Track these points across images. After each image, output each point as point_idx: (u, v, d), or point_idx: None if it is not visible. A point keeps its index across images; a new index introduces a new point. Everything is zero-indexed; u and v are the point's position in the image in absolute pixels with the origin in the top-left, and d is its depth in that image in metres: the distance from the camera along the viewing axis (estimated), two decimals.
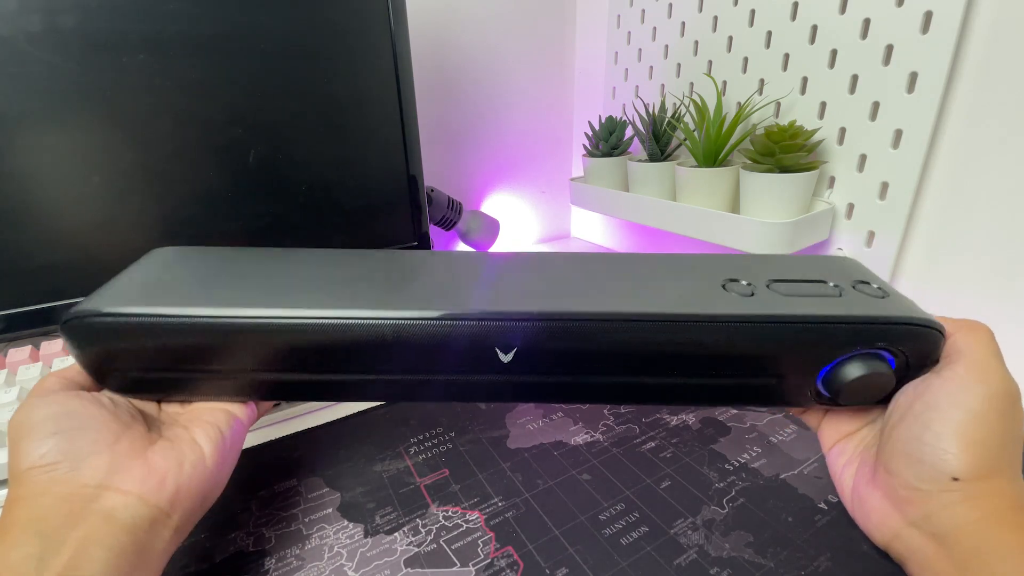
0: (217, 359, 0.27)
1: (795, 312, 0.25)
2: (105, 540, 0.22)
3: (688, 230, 0.56)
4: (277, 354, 0.26)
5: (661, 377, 0.27)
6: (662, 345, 0.26)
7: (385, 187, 0.53)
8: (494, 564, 0.29)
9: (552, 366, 0.27)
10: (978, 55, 0.40)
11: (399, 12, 0.48)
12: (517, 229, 0.84)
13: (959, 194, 0.43)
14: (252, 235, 0.47)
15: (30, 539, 0.21)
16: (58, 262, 0.42)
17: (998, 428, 0.24)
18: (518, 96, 0.76)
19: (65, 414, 0.25)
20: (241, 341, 0.26)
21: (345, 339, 0.25)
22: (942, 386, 0.25)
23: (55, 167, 0.40)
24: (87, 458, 0.24)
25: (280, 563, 0.29)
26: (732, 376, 0.27)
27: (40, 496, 0.23)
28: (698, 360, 0.26)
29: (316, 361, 0.27)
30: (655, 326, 0.25)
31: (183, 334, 0.25)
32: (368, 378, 0.28)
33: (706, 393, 0.28)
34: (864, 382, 0.25)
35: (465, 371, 0.27)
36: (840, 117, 0.48)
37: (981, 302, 0.43)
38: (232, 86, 0.44)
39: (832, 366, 0.26)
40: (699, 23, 0.59)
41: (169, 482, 0.25)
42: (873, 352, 0.26)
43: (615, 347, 0.26)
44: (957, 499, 0.23)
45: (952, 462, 0.23)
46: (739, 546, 0.29)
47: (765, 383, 0.27)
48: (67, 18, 0.38)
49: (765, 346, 0.26)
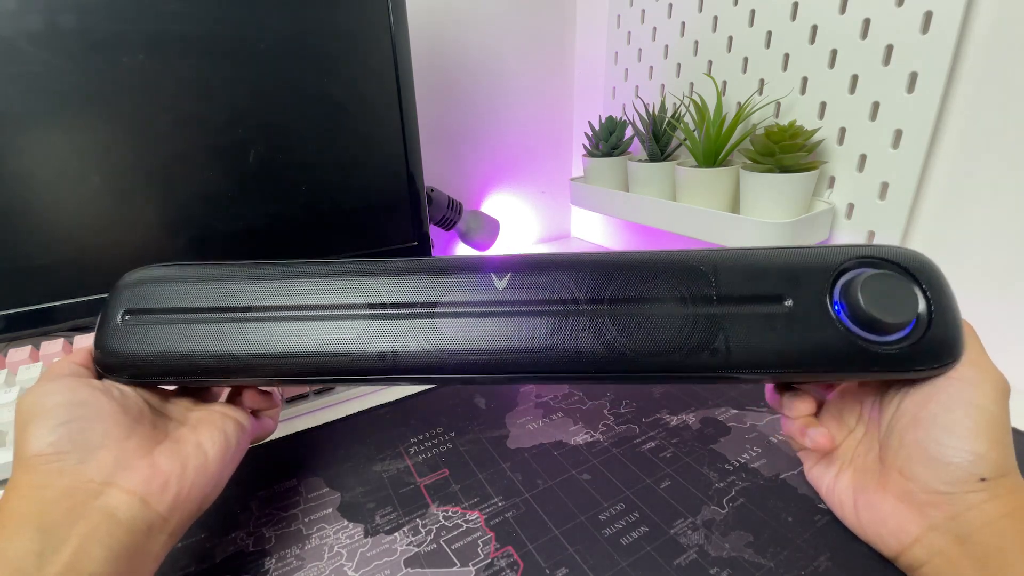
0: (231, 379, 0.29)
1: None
2: (105, 539, 0.22)
3: (688, 230, 0.56)
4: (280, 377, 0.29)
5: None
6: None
7: (385, 187, 0.53)
8: (494, 564, 0.29)
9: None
10: (978, 55, 0.40)
11: (399, 12, 0.48)
12: (517, 229, 0.84)
13: (959, 194, 0.43)
14: (252, 235, 0.47)
15: (31, 533, 0.21)
16: (58, 262, 0.42)
17: (1007, 425, 0.24)
18: (518, 96, 0.76)
19: (78, 403, 0.25)
20: (255, 371, 0.28)
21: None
22: (951, 387, 0.25)
23: (55, 167, 0.40)
24: (95, 451, 0.24)
25: (280, 563, 0.29)
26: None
27: (43, 488, 0.22)
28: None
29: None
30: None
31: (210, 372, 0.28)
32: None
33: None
34: (879, 284, 0.25)
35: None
36: (840, 117, 0.48)
37: (981, 302, 0.43)
38: (232, 86, 0.44)
39: (839, 281, 0.26)
40: (699, 23, 0.59)
41: (171, 486, 0.25)
42: (870, 260, 0.26)
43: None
44: (983, 498, 0.24)
45: (979, 463, 0.24)
46: (739, 546, 0.29)
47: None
48: (67, 18, 0.38)
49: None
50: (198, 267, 0.29)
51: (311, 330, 0.27)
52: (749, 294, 0.26)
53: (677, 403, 0.42)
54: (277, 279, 0.29)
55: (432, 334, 0.27)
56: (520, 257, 0.28)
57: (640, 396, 0.43)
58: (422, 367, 0.27)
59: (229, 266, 0.29)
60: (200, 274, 0.29)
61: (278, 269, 0.29)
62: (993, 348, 0.26)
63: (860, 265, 0.26)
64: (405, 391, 0.44)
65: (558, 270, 0.27)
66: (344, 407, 0.43)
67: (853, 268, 0.26)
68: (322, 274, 0.29)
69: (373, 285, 0.28)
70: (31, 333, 0.43)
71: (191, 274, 0.29)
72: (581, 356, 0.26)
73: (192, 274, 0.29)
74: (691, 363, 0.26)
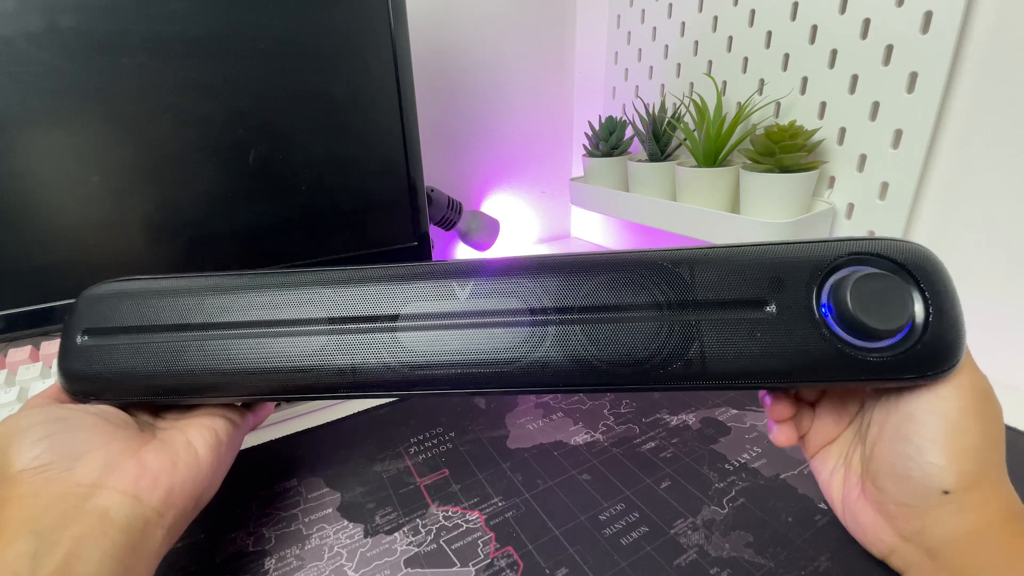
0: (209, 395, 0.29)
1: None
2: (99, 539, 0.22)
3: (688, 230, 0.56)
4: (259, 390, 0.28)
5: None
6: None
7: (385, 187, 0.53)
8: (494, 564, 0.29)
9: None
10: (978, 55, 0.40)
11: (399, 12, 0.48)
12: (517, 229, 0.84)
13: (959, 194, 0.43)
14: (252, 235, 0.47)
15: (25, 537, 0.21)
16: (58, 262, 0.42)
17: (979, 432, 0.23)
18: (518, 96, 0.76)
19: (56, 419, 0.25)
20: (219, 390, 0.28)
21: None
22: (916, 396, 0.24)
23: (55, 167, 0.40)
24: (81, 457, 0.24)
25: (280, 563, 0.29)
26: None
27: (34, 496, 0.22)
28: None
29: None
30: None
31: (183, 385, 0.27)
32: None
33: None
34: (870, 285, 0.22)
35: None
36: (840, 117, 0.48)
37: (981, 302, 0.43)
38: (232, 86, 0.44)
39: (825, 283, 0.24)
40: (699, 23, 0.59)
41: (163, 481, 0.25)
42: (860, 256, 0.23)
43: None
44: (949, 512, 0.23)
45: (940, 475, 0.23)
46: (739, 546, 0.29)
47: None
48: (67, 18, 0.38)
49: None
50: (158, 280, 0.29)
51: (273, 346, 0.26)
52: (728, 299, 0.24)
53: (677, 403, 0.42)
54: (237, 292, 0.27)
55: (394, 348, 0.26)
56: (485, 263, 0.27)
57: (640, 396, 0.43)
58: (384, 383, 0.26)
59: (190, 278, 0.28)
60: (159, 288, 0.28)
61: (240, 280, 0.28)
62: (992, 348, 0.26)
63: (852, 263, 0.24)
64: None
65: (524, 276, 0.26)
66: (344, 407, 0.43)
67: (844, 266, 0.24)
68: (284, 285, 0.27)
69: (333, 297, 0.27)
70: (31, 333, 0.43)
71: (150, 287, 0.28)
72: (547, 369, 0.25)
73: (151, 287, 0.28)
74: (663, 375, 0.24)
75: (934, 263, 0.23)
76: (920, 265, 0.23)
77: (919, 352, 0.22)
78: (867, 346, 0.23)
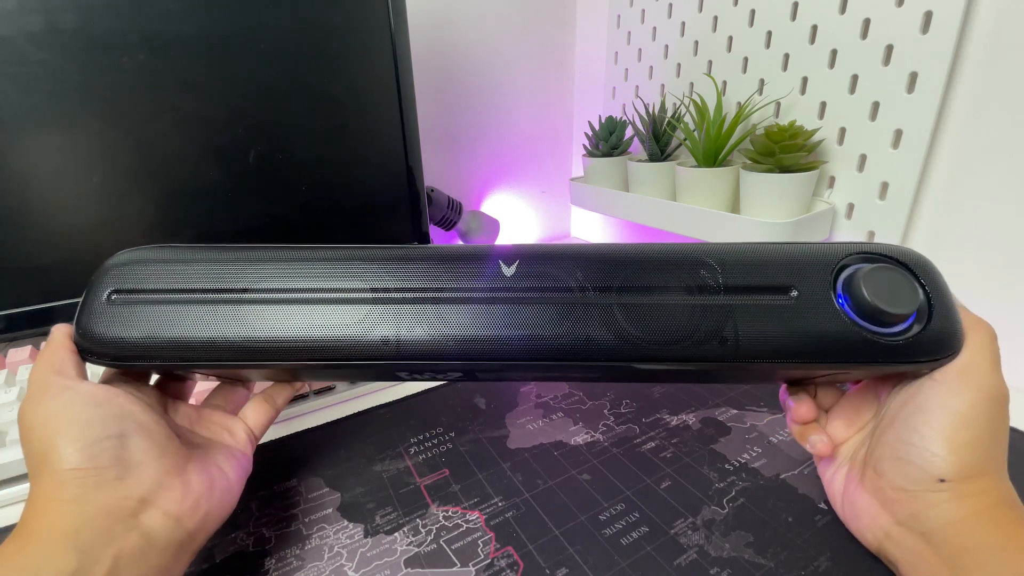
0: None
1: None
2: (139, 562, 0.22)
3: (688, 230, 0.56)
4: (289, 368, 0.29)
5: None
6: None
7: (385, 187, 0.53)
8: (494, 564, 0.29)
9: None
10: (978, 55, 0.40)
11: (399, 12, 0.48)
12: (517, 229, 0.84)
13: (959, 194, 0.43)
14: (252, 234, 0.47)
15: (67, 554, 0.20)
16: (58, 262, 0.42)
17: (986, 431, 0.24)
18: (518, 96, 0.76)
19: (117, 416, 0.24)
20: (252, 356, 0.27)
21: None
22: (932, 388, 0.25)
23: (55, 167, 0.40)
24: (135, 467, 0.23)
25: (280, 563, 0.29)
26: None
27: (81, 503, 0.22)
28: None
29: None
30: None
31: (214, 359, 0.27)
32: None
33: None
34: (882, 275, 0.25)
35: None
36: (840, 117, 0.48)
37: (981, 302, 0.43)
38: (232, 86, 0.44)
39: (839, 280, 0.26)
40: (699, 23, 0.59)
41: (202, 506, 0.25)
42: (866, 255, 0.26)
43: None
44: (944, 499, 0.24)
45: (938, 464, 0.24)
46: (739, 546, 0.29)
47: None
48: (67, 18, 0.38)
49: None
50: (192, 249, 0.28)
51: (312, 314, 0.26)
52: (755, 284, 0.26)
53: (677, 403, 0.42)
54: (276, 262, 0.27)
55: (437, 320, 0.26)
56: (528, 246, 0.28)
57: (640, 396, 0.43)
58: (426, 353, 0.26)
59: (225, 249, 0.28)
60: (194, 256, 0.28)
61: (278, 252, 0.28)
62: None
63: (860, 260, 0.26)
64: (405, 391, 0.44)
65: (567, 259, 0.27)
66: (344, 407, 0.43)
67: (854, 263, 0.26)
68: (325, 259, 0.27)
69: (376, 270, 0.27)
70: (31, 333, 0.43)
71: (184, 256, 0.28)
72: (591, 343, 0.26)
73: (185, 256, 0.28)
74: (701, 352, 0.25)
75: (929, 263, 0.26)
76: (919, 264, 0.26)
77: (926, 336, 0.25)
78: (881, 331, 0.25)
